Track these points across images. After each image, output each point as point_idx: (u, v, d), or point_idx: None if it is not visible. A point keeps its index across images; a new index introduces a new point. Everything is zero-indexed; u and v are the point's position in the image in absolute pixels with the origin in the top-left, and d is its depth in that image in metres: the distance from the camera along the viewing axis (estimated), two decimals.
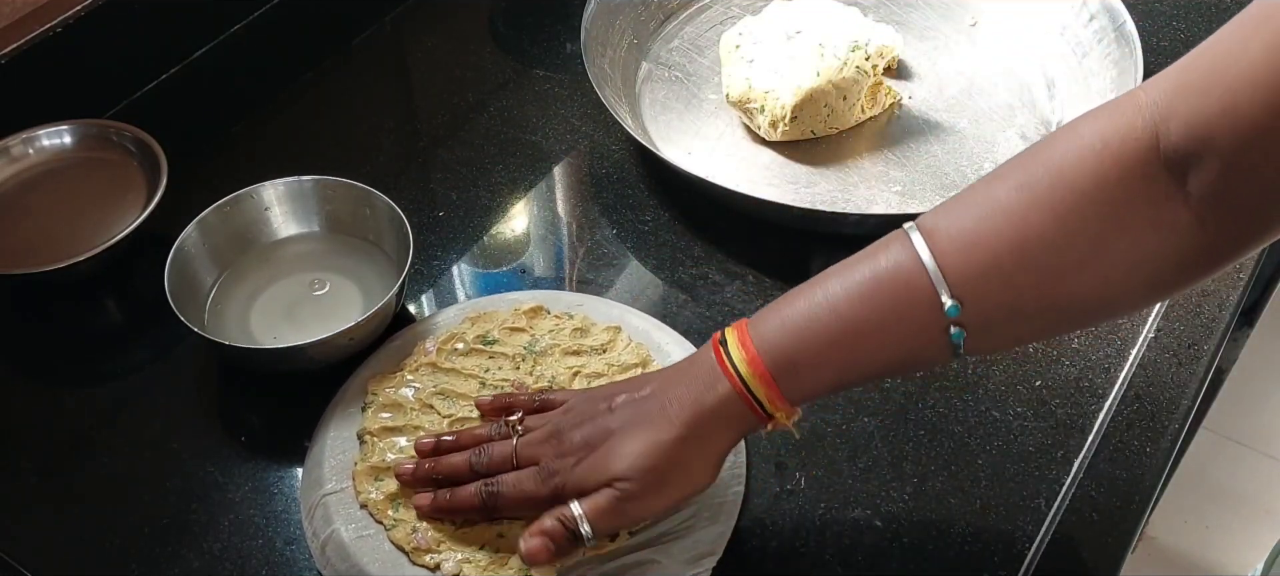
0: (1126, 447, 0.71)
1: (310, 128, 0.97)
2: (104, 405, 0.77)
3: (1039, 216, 0.53)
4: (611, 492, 0.59)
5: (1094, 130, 0.53)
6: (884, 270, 0.55)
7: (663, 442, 0.58)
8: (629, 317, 0.75)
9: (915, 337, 0.56)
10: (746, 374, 0.57)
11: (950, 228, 0.55)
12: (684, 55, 1.00)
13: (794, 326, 0.57)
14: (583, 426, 0.62)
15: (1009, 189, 0.54)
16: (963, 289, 0.54)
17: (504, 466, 0.63)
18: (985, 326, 0.55)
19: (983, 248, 0.54)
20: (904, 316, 0.55)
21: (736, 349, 0.58)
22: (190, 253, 0.77)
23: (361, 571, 0.63)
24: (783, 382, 0.57)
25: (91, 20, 0.91)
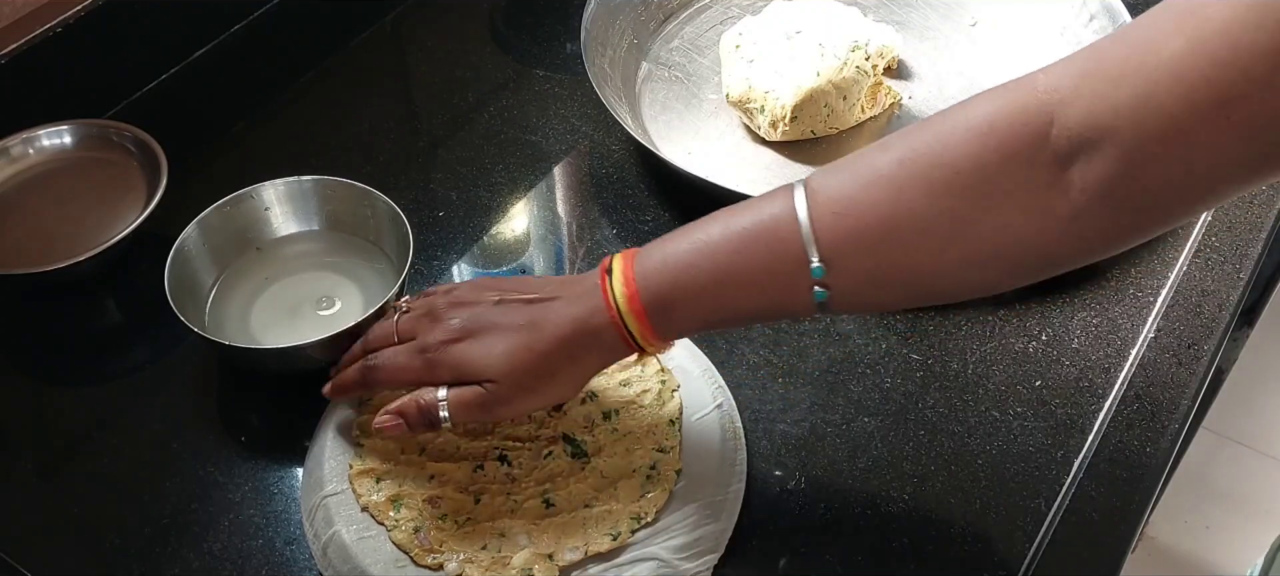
0: (1126, 447, 0.71)
1: (310, 128, 0.97)
2: (104, 405, 0.77)
3: (913, 191, 0.54)
4: (479, 390, 0.61)
5: (984, 112, 0.53)
6: (763, 222, 0.57)
7: (536, 351, 0.60)
8: None
9: (782, 290, 0.57)
10: (624, 309, 0.59)
11: (831, 189, 0.56)
12: (684, 55, 1.00)
13: (673, 265, 0.59)
14: (463, 309, 0.63)
15: (890, 160, 0.55)
16: (830, 251, 0.55)
17: (385, 342, 0.66)
18: (848, 289, 0.56)
19: (854, 214, 0.55)
20: (774, 270, 0.57)
21: (619, 282, 0.60)
22: (190, 252, 0.77)
23: (364, 573, 0.63)
24: (655, 320, 0.59)
25: (91, 20, 0.91)
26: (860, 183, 0.56)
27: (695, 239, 0.59)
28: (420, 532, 0.64)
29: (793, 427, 0.72)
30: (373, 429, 0.63)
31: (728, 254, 0.58)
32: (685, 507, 0.65)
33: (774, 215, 0.57)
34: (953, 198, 0.53)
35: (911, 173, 0.54)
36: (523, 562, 0.63)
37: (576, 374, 0.62)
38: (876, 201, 0.55)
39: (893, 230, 0.54)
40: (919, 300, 0.67)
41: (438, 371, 0.62)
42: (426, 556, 0.63)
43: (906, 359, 0.76)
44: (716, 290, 0.58)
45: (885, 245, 0.55)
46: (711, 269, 0.58)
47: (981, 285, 0.58)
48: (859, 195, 0.55)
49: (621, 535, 0.64)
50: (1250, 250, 0.82)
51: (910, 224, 0.54)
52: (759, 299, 0.59)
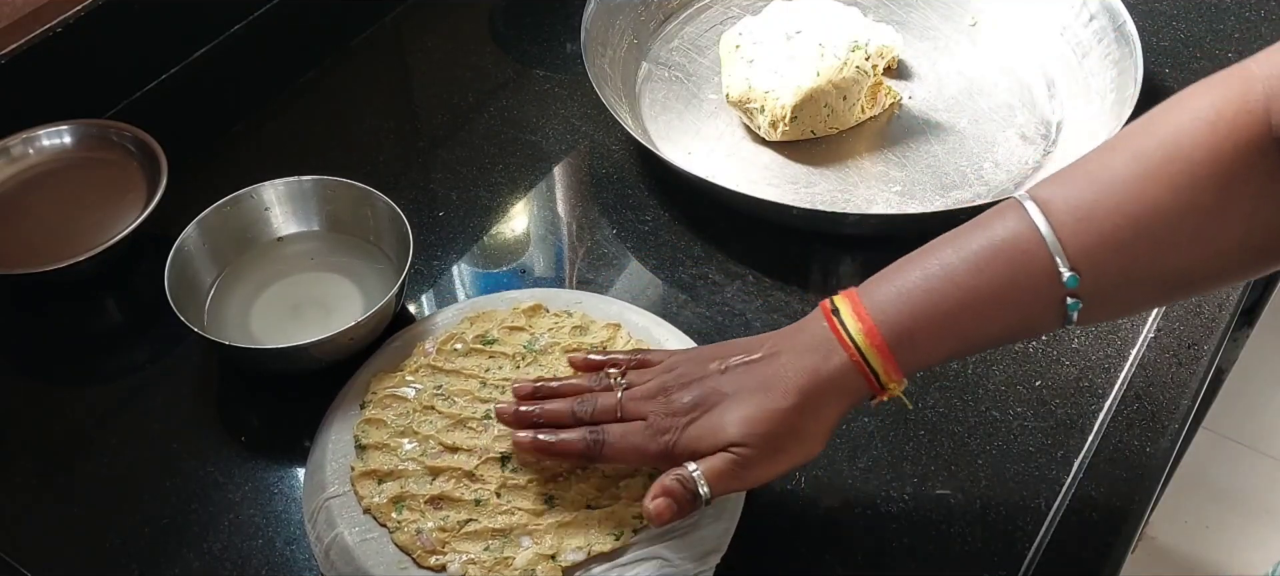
0: (1126, 447, 0.71)
1: (310, 128, 0.97)
2: (104, 405, 0.77)
3: (1155, 188, 0.53)
4: (728, 456, 0.59)
5: (1208, 103, 0.53)
6: (1002, 239, 0.56)
7: (779, 409, 0.58)
8: (628, 314, 0.75)
9: (1032, 306, 0.56)
10: (863, 344, 0.57)
11: (1067, 198, 0.55)
12: (684, 55, 1.00)
13: (909, 295, 0.57)
14: (692, 387, 0.61)
15: (1124, 160, 0.55)
16: (1079, 259, 0.54)
17: (608, 417, 0.63)
18: (1100, 295, 0.55)
19: (1099, 219, 0.54)
20: (1022, 286, 0.55)
21: (851, 319, 0.58)
22: (190, 252, 0.77)
23: (366, 574, 0.63)
24: (899, 353, 0.57)
25: (91, 20, 0.91)
26: (1096, 187, 0.55)
27: (927, 265, 0.57)
28: (423, 534, 0.64)
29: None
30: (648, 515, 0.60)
31: (968, 274, 0.56)
32: None
33: (1012, 231, 0.56)
34: (1196, 191, 0.53)
35: (1148, 168, 0.54)
36: (525, 563, 0.62)
37: (821, 424, 0.59)
38: (1119, 203, 0.54)
39: (1141, 228, 0.54)
40: (1170, 297, 0.65)
41: (676, 454, 0.60)
42: (429, 557, 0.63)
43: None
44: (960, 314, 0.56)
45: (1136, 244, 0.54)
46: (954, 292, 0.56)
47: (1232, 273, 0.58)
48: (1099, 198, 0.54)
49: (624, 535, 0.64)
50: None
51: (1157, 220, 0.53)
52: (1007, 318, 0.57)
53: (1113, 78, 0.91)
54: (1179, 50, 1.01)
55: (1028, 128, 0.93)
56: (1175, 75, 0.98)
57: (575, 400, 0.64)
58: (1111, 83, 0.91)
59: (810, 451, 0.60)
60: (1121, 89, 0.89)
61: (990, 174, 0.89)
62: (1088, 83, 0.93)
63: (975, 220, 0.58)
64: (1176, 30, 1.03)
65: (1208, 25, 1.03)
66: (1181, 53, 1.01)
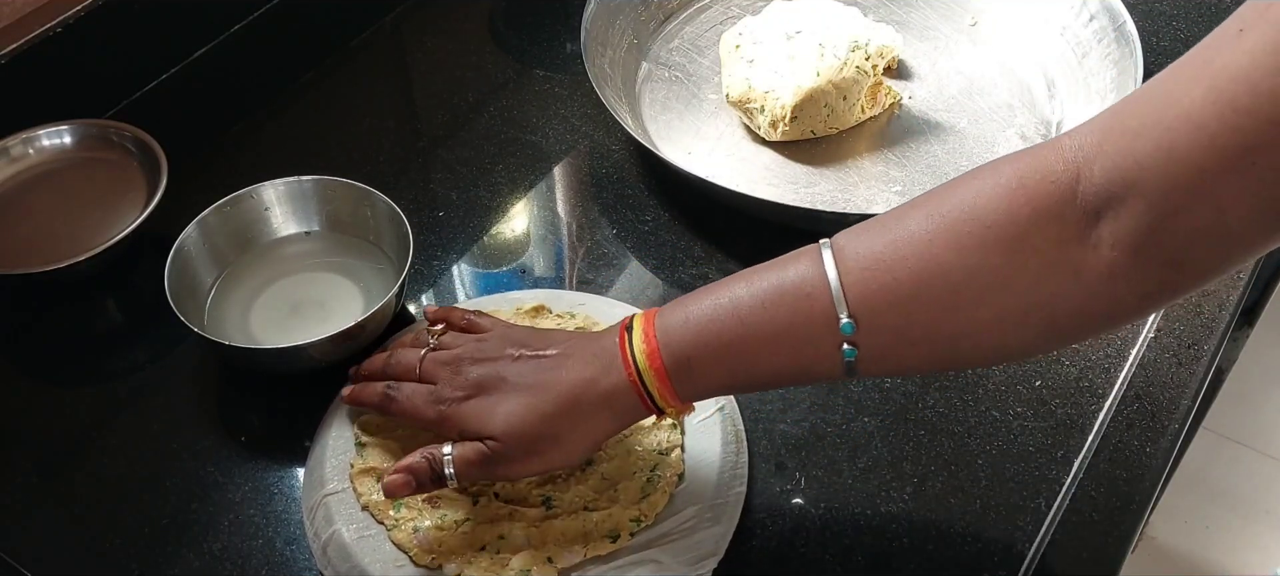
0: (1126, 447, 0.71)
1: (310, 128, 0.97)
2: (104, 405, 0.77)
3: (944, 246, 0.53)
4: (481, 448, 0.60)
5: (1012, 169, 0.53)
6: (789, 281, 0.56)
7: (543, 413, 0.59)
8: None
9: (809, 349, 0.56)
10: (644, 367, 0.58)
11: (859, 248, 0.55)
12: (684, 55, 1.00)
13: (696, 325, 0.58)
14: (482, 364, 0.63)
15: (920, 217, 0.54)
16: (859, 308, 0.54)
17: (408, 375, 0.66)
18: (877, 349, 0.55)
19: (884, 270, 0.54)
20: (800, 327, 0.56)
21: (639, 340, 0.59)
22: (190, 252, 0.77)
23: (363, 571, 0.63)
24: (677, 380, 0.58)
25: (91, 20, 0.91)
26: (888, 239, 0.55)
27: (719, 297, 0.58)
28: (419, 533, 0.64)
29: (793, 427, 0.72)
30: (384, 488, 0.62)
31: (752, 311, 0.57)
32: (685, 510, 0.65)
33: (801, 273, 0.56)
34: (984, 253, 0.52)
35: (940, 228, 0.53)
36: (521, 564, 0.63)
37: (583, 437, 0.60)
38: (905, 257, 0.54)
39: (923, 286, 0.53)
40: (951, 364, 0.64)
41: (448, 425, 0.62)
42: (425, 556, 0.63)
43: None
44: (740, 348, 0.57)
45: (916, 302, 0.54)
46: (736, 326, 0.57)
47: (1015, 348, 0.57)
48: (887, 252, 0.54)
49: (621, 537, 0.64)
50: None
51: (941, 280, 0.53)
52: (785, 358, 0.57)
53: (1113, 78, 0.91)
54: (1179, 50, 1.00)
55: (1028, 128, 0.93)
56: None
57: (388, 354, 0.68)
58: (1111, 83, 0.91)
59: (568, 459, 0.61)
60: (1121, 89, 0.89)
61: None
62: (1088, 83, 0.93)
63: (780, 258, 0.58)
64: (1176, 30, 1.03)
65: (1208, 25, 1.02)
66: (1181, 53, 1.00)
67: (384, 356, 0.68)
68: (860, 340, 0.55)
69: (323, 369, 0.73)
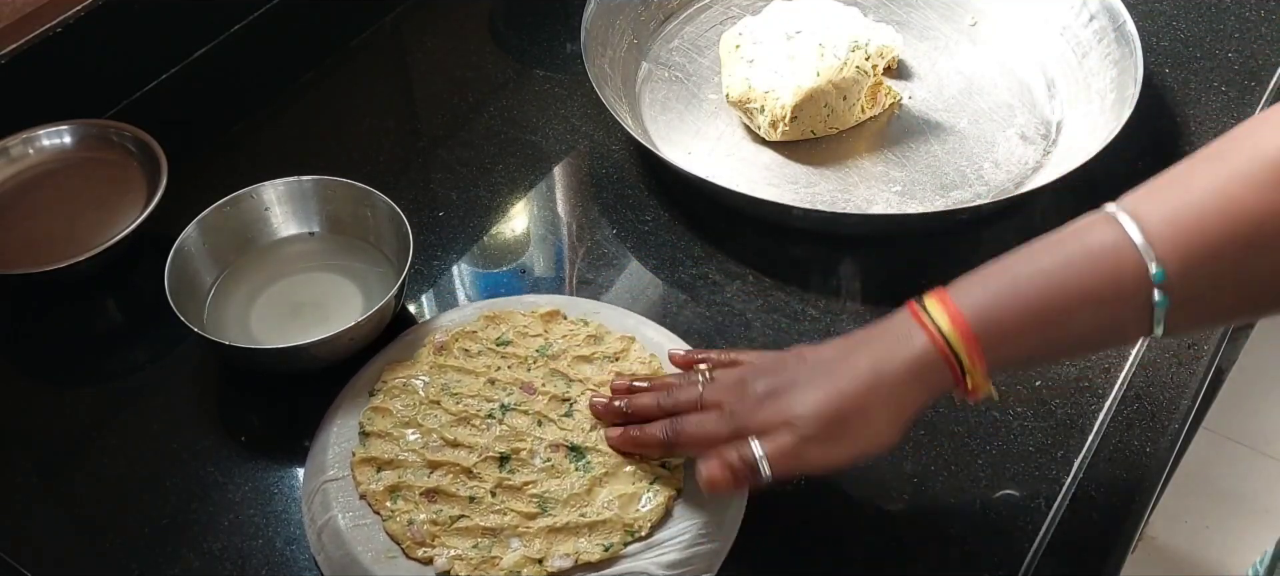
0: (1126, 447, 0.71)
1: (310, 128, 0.97)
2: (104, 405, 0.77)
3: (1241, 189, 0.54)
4: (790, 435, 0.59)
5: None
6: (1093, 242, 0.57)
7: (844, 391, 0.59)
8: (644, 329, 0.75)
9: (1120, 307, 0.56)
10: (947, 329, 0.58)
11: (1155, 205, 0.56)
12: (684, 55, 1.00)
13: (999, 291, 0.58)
14: (767, 376, 0.63)
15: (1208, 167, 0.56)
16: (1168, 256, 0.55)
17: (689, 408, 0.65)
18: (1189, 299, 0.56)
19: (1189, 219, 0.55)
20: (1110, 286, 0.56)
21: (937, 309, 0.58)
22: (190, 252, 0.77)
23: (354, 559, 0.63)
24: (986, 341, 0.57)
25: (91, 20, 0.91)
26: (1182, 193, 0.56)
27: (1017, 265, 0.58)
28: (414, 525, 0.64)
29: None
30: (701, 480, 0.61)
31: (1057, 271, 0.57)
32: (681, 525, 0.65)
33: (1102, 234, 0.56)
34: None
35: (1233, 174, 0.54)
36: (512, 564, 0.63)
37: (894, 412, 0.59)
38: (1206, 206, 0.55)
39: (1230, 231, 0.54)
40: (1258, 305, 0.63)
41: (746, 430, 0.61)
42: (417, 549, 0.63)
43: None
44: (1048, 310, 0.57)
45: (1226, 247, 0.54)
46: (1042, 287, 0.57)
47: None
48: (1186, 204, 0.55)
49: (614, 547, 0.63)
50: None
51: (1247, 223, 0.54)
52: (1094, 317, 0.57)
53: (1113, 78, 0.91)
54: (1179, 50, 1.01)
55: (1028, 128, 0.93)
56: (1175, 75, 0.98)
57: (660, 393, 0.67)
58: (1111, 83, 0.91)
59: (881, 441, 0.60)
60: (1121, 89, 0.89)
61: (990, 174, 0.89)
62: (1088, 83, 0.93)
63: (1065, 228, 0.59)
64: (1176, 30, 1.03)
65: (1208, 25, 1.03)
66: (1181, 53, 1.01)
67: (654, 396, 0.67)
68: (1171, 291, 0.55)
69: (323, 369, 0.73)
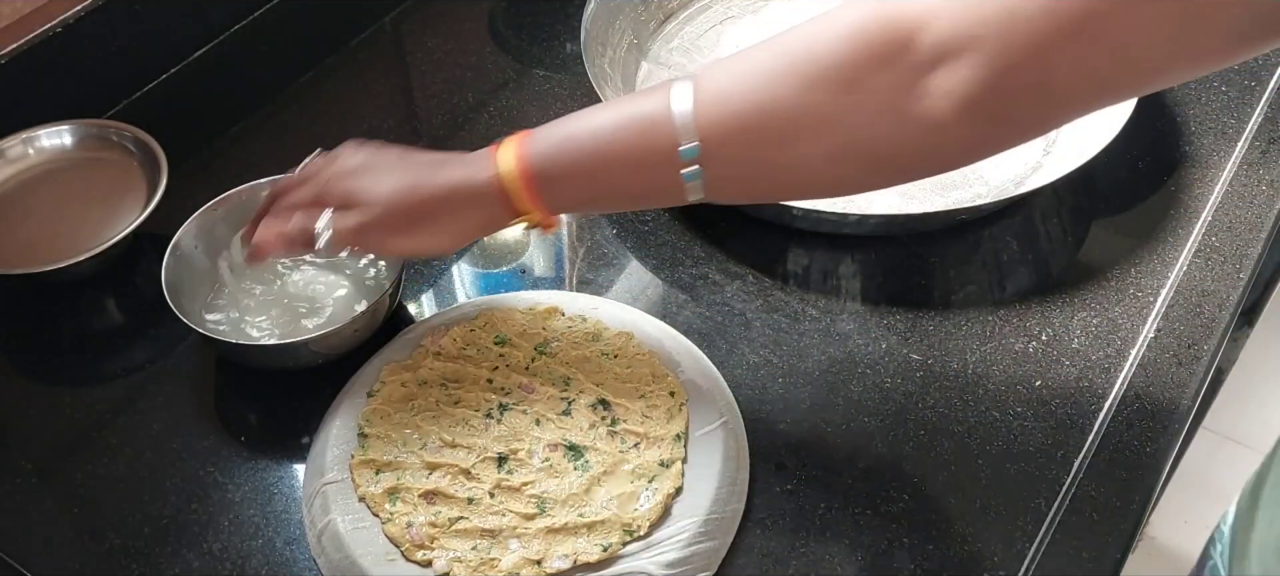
0: (1126, 447, 0.71)
1: (310, 128, 0.97)
2: (104, 405, 0.77)
3: (783, 84, 0.57)
4: (359, 214, 0.65)
5: (856, 15, 0.56)
6: (644, 108, 0.60)
7: (421, 194, 0.64)
8: (642, 324, 0.75)
9: (654, 173, 0.61)
10: (507, 174, 0.63)
11: (716, 80, 0.59)
12: (684, 55, 1.00)
13: (558, 142, 0.63)
14: (356, 156, 0.68)
15: (768, 55, 0.58)
16: (707, 135, 0.58)
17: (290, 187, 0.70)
18: (720, 176, 0.60)
19: (732, 102, 0.58)
20: (646, 153, 0.60)
21: (509, 151, 0.63)
22: (187, 251, 0.77)
23: (354, 562, 0.63)
24: (541, 190, 0.63)
25: (91, 20, 0.91)
26: (739, 73, 0.59)
27: (583, 120, 0.63)
28: (413, 527, 0.64)
29: (793, 428, 0.72)
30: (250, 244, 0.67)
31: (607, 132, 0.62)
32: (681, 524, 0.65)
33: (656, 102, 0.60)
34: (818, 92, 0.56)
35: (783, 66, 0.57)
36: (511, 566, 0.63)
37: (457, 228, 0.65)
38: (750, 91, 0.58)
39: (763, 119, 0.57)
40: (786, 193, 0.70)
41: (327, 197, 0.66)
42: (416, 551, 0.63)
43: (906, 359, 0.76)
44: (593, 167, 0.62)
45: (756, 133, 0.58)
46: (592, 146, 0.62)
47: (839, 181, 0.61)
48: (735, 86, 0.58)
49: (612, 547, 0.63)
50: (1250, 250, 0.82)
51: (780, 114, 0.57)
52: (633, 179, 0.62)
53: None
54: None
55: None
56: None
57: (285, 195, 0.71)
58: None
59: (440, 246, 0.67)
60: None
61: (990, 174, 0.89)
62: None
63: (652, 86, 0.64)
64: None
65: None
66: None
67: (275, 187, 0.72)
68: (705, 165, 0.59)
69: (321, 366, 0.73)
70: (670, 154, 0.59)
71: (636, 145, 0.60)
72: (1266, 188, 0.87)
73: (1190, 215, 0.84)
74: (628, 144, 0.61)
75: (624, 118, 0.61)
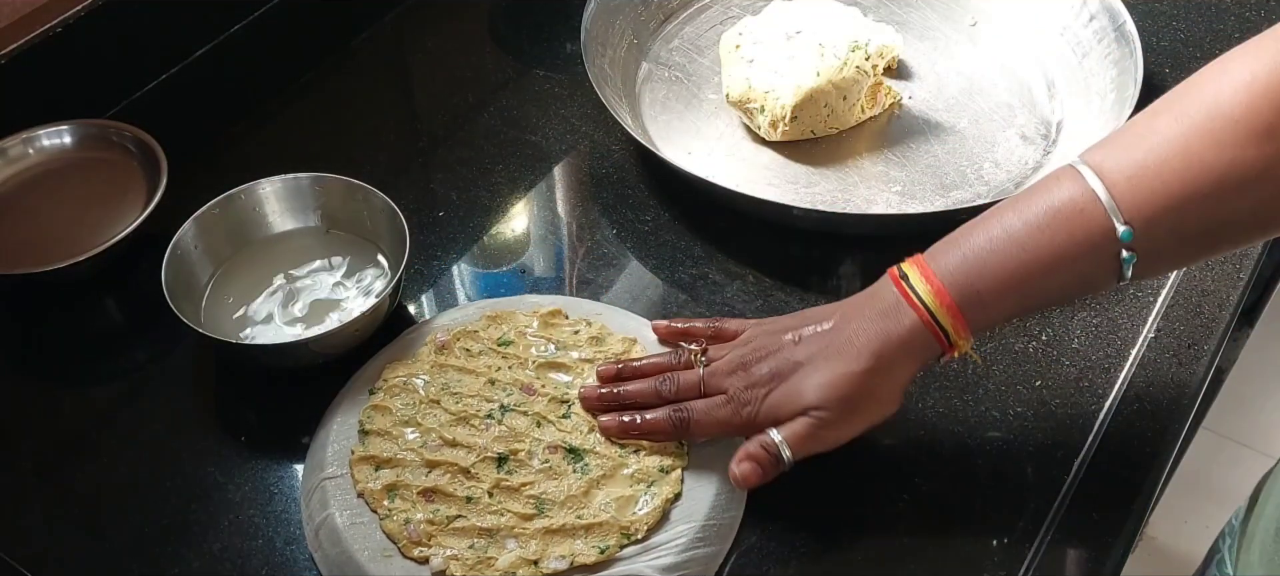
0: (1126, 447, 0.71)
1: (310, 128, 0.97)
2: (104, 405, 0.77)
3: (1200, 146, 0.57)
4: (807, 420, 0.63)
5: (1244, 66, 0.57)
6: (1061, 202, 0.59)
7: (853, 373, 0.62)
8: (645, 331, 0.75)
9: (1090, 263, 0.59)
10: (933, 305, 0.61)
11: (1118, 161, 0.59)
12: (684, 55, 1.00)
13: (976, 258, 0.61)
14: (769, 358, 0.65)
15: (1168, 122, 0.58)
16: (1133, 216, 0.58)
17: (691, 394, 0.66)
18: (1154, 250, 0.59)
19: (1151, 176, 0.58)
20: (1080, 243, 0.59)
21: (919, 281, 0.61)
22: (187, 250, 0.77)
23: (351, 558, 0.63)
24: (968, 312, 0.61)
25: (91, 20, 0.91)
26: (1145, 148, 0.58)
27: (990, 230, 0.61)
28: (411, 524, 0.64)
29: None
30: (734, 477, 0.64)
31: (1030, 236, 0.60)
32: (679, 528, 0.65)
33: (1069, 193, 0.59)
34: (1238, 147, 0.56)
35: (1193, 129, 0.57)
36: (507, 565, 0.63)
37: (894, 384, 0.63)
38: (1168, 161, 0.57)
39: (1191, 186, 0.57)
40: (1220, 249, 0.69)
41: (759, 423, 0.64)
42: (413, 548, 0.63)
43: None
44: (1023, 273, 0.60)
45: (1188, 202, 0.57)
46: (1017, 253, 0.60)
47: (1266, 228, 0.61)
48: (1149, 158, 0.58)
49: (609, 549, 0.63)
50: (1250, 250, 0.82)
51: (1205, 176, 0.57)
52: (1067, 275, 0.60)
53: (1113, 78, 0.91)
54: (1179, 50, 1.01)
55: (1028, 128, 0.93)
56: (1175, 75, 0.98)
57: (657, 379, 0.68)
58: (1111, 83, 0.91)
59: (886, 410, 0.64)
60: (1121, 89, 0.89)
61: (990, 174, 0.89)
62: (1088, 83, 0.93)
63: (1033, 187, 0.61)
64: (1176, 30, 1.03)
65: (1207, 25, 1.03)
66: (1181, 53, 1.01)
67: (651, 383, 0.68)
68: (1138, 245, 0.58)
69: (321, 365, 0.73)
70: (1108, 239, 0.58)
71: (1066, 239, 0.59)
72: None
73: None
74: (1056, 241, 0.59)
75: (1042, 215, 0.59)
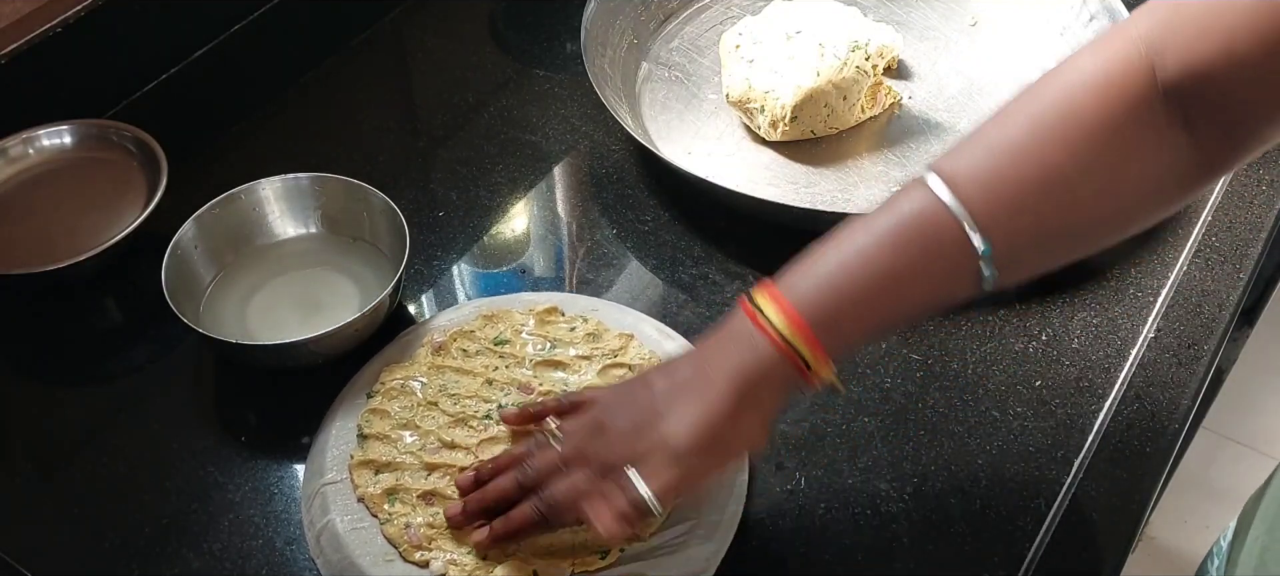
0: (1126, 447, 0.71)
1: (310, 128, 0.97)
2: (104, 405, 0.77)
3: (1055, 151, 0.55)
4: (670, 465, 0.58)
5: (1094, 65, 0.56)
6: (910, 216, 0.57)
7: (713, 409, 0.58)
8: (643, 326, 0.75)
9: (948, 276, 0.57)
10: (787, 332, 0.57)
11: (969, 170, 0.56)
12: (684, 55, 1.00)
13: (828, 280, 0.58)
14: (625, 412, 0.61)
15: (1021, 125, 0.57)
16: (990, 227, 0.55)
17: (553, 473, 0.61)
18: (1014, 259, 0.57)
19: (1006, 185, 0.56)
20: (935, 259, 0.57)
21: (772, 309, 0.57)
22: (187, 250, 0.77)
23: (352, 563, 0.63)
24: (824, 337, 0.57)
25: (91, 20, 0.91)
26: (997, 155, 0.57)
27: (842, 250, 0.58)
28: (411, 528, 0.64)
29: (793, 427, 0.72)
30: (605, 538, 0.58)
31: (882, 253, 0.57)
32: (678, 527, 0.65)
33: (919, 207, 0.56)
34: (1093, 149, 0.55)
35: (1048, 133, 0.56)
36: (507, 570, 0.63)
37: (758, 419, 0.59)
38: (1021, 168, 0.56)
39: (1047, 191, 0.56)
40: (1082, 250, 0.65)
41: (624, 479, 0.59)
42: (414, 552, 0.63)
43: (906, 359, 0.76)
44: (878, 292, 0.57)
45: (1043, 207, 0.56)
46: (873, 273, 0.57)
47: (1135, 221, 0.61)
48: (1001, 167, 0.56)
49: (610, 553, 0.63)
50: (1250, 250, 0.82)
51: (1060, 182, 0.56)
52: (926, 291, 0.58)
53: None
54: None
55: None
56: None
57: (516, 471, 0.63)
58: None
59: (753, 444, 0.61)
60: None
61: None
62: None
63: (885, 201, 0.58)
64: None
65: None
66: None
67: (510, 476, 0.63)
68: (996, 254, 0.56)
69: (320, 365, 0.73)
70: (964, 253, 0.55)
71: (922, 252, 0.56)
72: (1266, 188, 0.87)
73: (1190, 215, 0.84)
74: (911, 258, 0.56)
75: (893, 232, 0.57)
